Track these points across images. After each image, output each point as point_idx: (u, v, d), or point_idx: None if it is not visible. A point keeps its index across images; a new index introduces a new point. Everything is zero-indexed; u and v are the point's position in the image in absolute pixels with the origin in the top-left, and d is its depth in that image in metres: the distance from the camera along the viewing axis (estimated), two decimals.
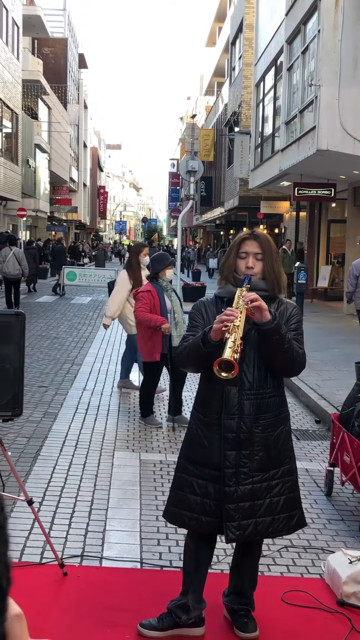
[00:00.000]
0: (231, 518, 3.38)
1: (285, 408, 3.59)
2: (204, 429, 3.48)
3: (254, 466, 3.41)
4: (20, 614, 0.83)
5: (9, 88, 31.36)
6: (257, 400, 3.42)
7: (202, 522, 3.47)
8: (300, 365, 3.50)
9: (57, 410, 8.21)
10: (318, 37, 15.31)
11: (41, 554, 4.44)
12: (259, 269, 3.49)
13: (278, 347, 3.33)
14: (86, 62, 69.12)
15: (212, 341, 3.28)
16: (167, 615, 3.62)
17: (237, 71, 32.84)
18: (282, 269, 3.60)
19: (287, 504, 3.49)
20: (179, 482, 3.57)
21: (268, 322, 3.30)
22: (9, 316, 3.94)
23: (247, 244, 3.51)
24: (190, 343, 3.44)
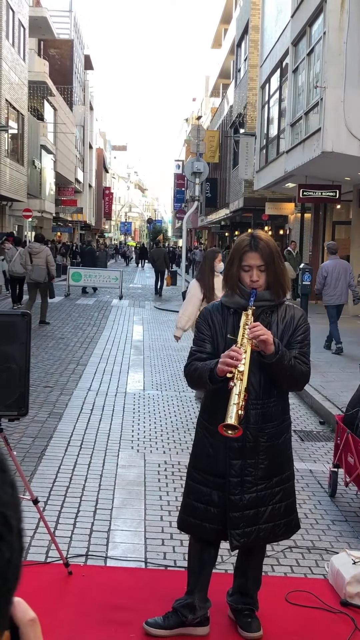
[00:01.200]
0: (236, 526, 3.42)
1: (288, 415, 3.62)
2: (210, 437, 3.51)
3: (259, 475, 3.44)
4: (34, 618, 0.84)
5: (15, 89, 31.42)
6: (263, 409, 3.45)
7: (205, 528, 3.51)
8: (304, 383, 3.54)
9: (62, 411, 8.24)
10: (323, 39, 15.31)
11: (46, 553, 4.46)
12: (263, 280, 3.49)
13: (281, 374, 3.39)
14: (92, 64, 69.16)
15: (218, 376, 3.30)
16: (172, 614, 3.64)
17: (242, 73, 32.84)
18: (285, 270, 3.58)
19: (287, 509, 3.54)
20: (187, 489, 3.64)
21: (271, 356, 3.31)
22: (15, 316, 3.97)
23: (249, 257, 3.48)
24: (198, 373, 3.44)
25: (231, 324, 3.52)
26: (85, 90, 66.62)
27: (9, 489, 0.71)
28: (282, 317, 3.53)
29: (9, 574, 0.69)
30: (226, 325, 3.54)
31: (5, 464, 0.73)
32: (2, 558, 0.68)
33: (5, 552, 0.68)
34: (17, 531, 0.71)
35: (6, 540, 0.69)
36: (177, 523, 3.74)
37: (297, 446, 7.23)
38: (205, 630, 3.66)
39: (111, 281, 24.25)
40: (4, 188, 29.19)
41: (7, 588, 0.69)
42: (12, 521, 0.70)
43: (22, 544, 0.72)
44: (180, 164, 71.91)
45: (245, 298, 3.49)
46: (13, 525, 0.70)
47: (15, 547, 0.70)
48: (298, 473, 6.34)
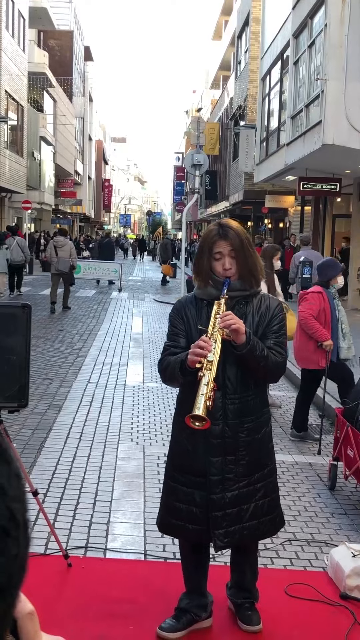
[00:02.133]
0: (218, 526, 3.33)
1: (267, 409, 3.54)
2: (188, 435, 3.39)
3: (240, 471, 3.36)
4: (32, 611, 0.83)
5: (15, 80, 31.32)
6: (241, 404, 3.36)
7: (188, 530, 3.42)
8: (278, 374, 3.47)
9: (61, 403, 8.24)
10: (325, 31, 15.26)
11: (46, 545, 4.46)
12: (235, 268, 3.41)
13: (254, 365, 3.31)
14: (92, 55, 68.98)
15: (189, 368, 3.23)
16: (182, 613, 3.59)
17: (243, 65, 32.75)
18: (257, 258, 3.49)
19: (271, 505, 3.47)
20: (167, 489, 3.54)
21: (242, 346, 3.24)
22: (15, 308, 3.95)
23: (219, 245, 3.41)
24: (170, 367, 3.37)
25: (205, 317, 3.43)
26: (85, 82, 66.43)
27: (15, 481, 0.70)
28: (258, 307, 3.46)
29: (16, 569, 0.68)
30: (200, 318, 3.45)
31: (10, 456, 0.72)
32: (9, 554, 0.67)
33: (12, 548, 0.67)
34: (24, 525, 0.70)
35: (13, 536, 0.67)
36: (157, 525, 3.63)
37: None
38: (209, 622, 3.66)
39: (110, 273, 24.22)
40: (3, 179, 29.14)
41: (14, 583, 0.68)
42: (19, 515, 0.69)
43: (28, 538, 0.71)
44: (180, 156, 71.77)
45: (218, 289, 3.41)
46: (19, 519, 0.69)
47: (22, 542, 0.69)
48: (297, 466, 6.35)
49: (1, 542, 0.66)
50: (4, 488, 0.68)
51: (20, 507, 0.70)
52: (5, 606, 0.68)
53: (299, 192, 20.28)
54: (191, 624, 3.58)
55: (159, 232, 41.28)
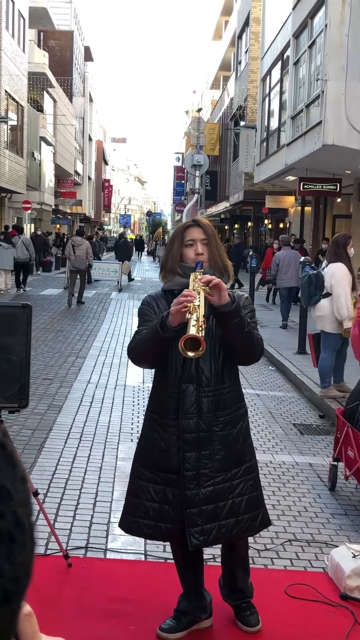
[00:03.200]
0: (193, 523, 3.24)
1: (243, 403, 3.47)
2: (161, 430, 3.34)
3: (215, 466, 3.28)
4: (30, 612, 0.83)
5: (15, 80, 31.32)
6: (216, 396, 3.29)
7: (160, 529, 3.33)
8: (260, 351, 3.36)
9: (61, 403, 8.24)
10: (325, 31, 15.26)
11: (46, 545, 4.46)
12: (207, 255, 3.37)
13: (239, 331, 3.18)
14: (92, 55, 68.97)
15: (171, 326, 3.11)
16: (182, 614, 3.57)
17: (243, 65, 32.76)
18: (226, 256, 3.50)
19: (250, 503, 3.37)
20: (134, 488, 3.43)
21: (228, 304, 3.15)
22: (15, 308, 3.95)
23: (192, 231, 3.39)
24: (146, 332, 3.25)
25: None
26: (85, 82, 66.43)
27: (21, 485, 0.70)
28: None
29: (22, 575, 0.68)
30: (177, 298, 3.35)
31: (15, 459, 0.71)
32: (15, 561, 0.66)
33: (17, 555, 0.66)
34: (30, 529, 0.70)
35: (19, 542, 0.67)
36: (121, 525, 3.49)
37: (296, 439, 7.24)
38: (209, 622, 3.65)
39: (110, 274, 24.22)
40: (3, 180, 29.14)
41: (19, 589, 0.68)
42: (24, 520, 0.68)
43: (33, 542, 0.71)
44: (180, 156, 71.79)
45: (188, 276, 3.33)
46: (25, 523, 0.68)
47: (28, 547, 0.69)
48: (298, 466, 6.35)
49: (7, 549, 0.66)
50: (10, 492, 0.68)
51: (25, 511, 0.69)
52: (11, 612, 0.68)
53: (299, 193, 20.28)
54: (191, 624, 3.58)
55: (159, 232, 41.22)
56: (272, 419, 8.01)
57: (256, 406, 8.50)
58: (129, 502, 3.44)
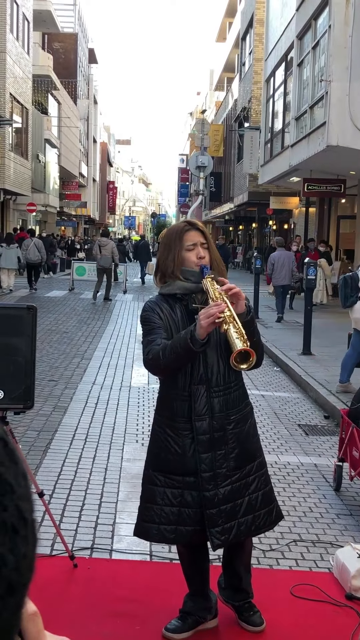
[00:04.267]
0: (214, 523, 3.26)
1: (248, 400, 3.50)
2: (173, 434, 3.34)
3: (231, 465, 3.31)
4: (35, 611, 0.84)
5: (20, 83, 31.39)
6: (225, 396, 3.32)
7: (182, 533, 3.33)
8: (262, 356, 3.38)
9: (66, 404, 8.25)
10: (329, 32, 15.27)
11: (52, 546, 4.48)
12: (208, 258, 3.38)
13: (250, 338, 3.13)
14: (96, 57, 69.03)
15: (200, 340, 3.08)
16: (187, 615, 3.58)
17: (247, 66, 32.79)
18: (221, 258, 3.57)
19: (265, 498, 3.42)
20: (150, 494, 3.41)
21: (244, 314, 3.18)
22: (21, 310, 3.97)
23: (191, 235, 3.39)
24: (171, 345, 3.17)
25: (179, 312, 3.36)
26: (90, 84, 66.51)
27: (22, 481, 0.71)
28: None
29: (25, 568, 0.69)
30: (174, 313, 3.36)
31: (17, 456, 0.73)
32: (18, 553, 0.67)
33: (21, 546, 0.68)
34: (31, 524, 0.71)
35: (21, 535, 0.68)
36: (138, 533, 3.48)
37: (301, 440, 7.24)
38: (214, 622, 3.66)
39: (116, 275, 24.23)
40: (8, 182, 29.19)
41: (23, 582, 0.69)
42: (27, 514, 0.70)
43: (35, 537, 0.72)
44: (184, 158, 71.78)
45: (190, 280, 3.34)
46: (27, 518, 0.70)
47: (30, 540, 0.70)
48: (303, 467, 6.35)
49: (11, 541, 0.67)
50: (12, 487, 0.69)
51: (28, 506, 0.71)
52: (16, 604, 0.69)
53: (303, 194, 20.30)
54: (197, 625, 3.58)
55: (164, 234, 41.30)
56: (277, 419, 8.02)
57: (261, 407, 8.51)
58: (146, 508, 3.41)
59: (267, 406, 8.62)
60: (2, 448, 0.71)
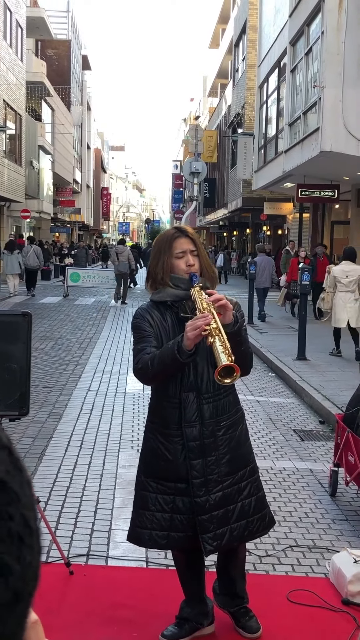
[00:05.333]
0: (206, 529, 3.25)
1: (240, 406, 3.48)
2: (164, 441, 3.34)
3: (222, 471, 3.30)
4: (36, 620, 0.84)
5: (13, 90, 31.41)
6: (215, 402, 3.31)
7: (174, 539, 3.34)
8: (251, 364, 3.43)
9: (61, 411, 8.24)
10: (322, 38, 15.32)
11: (47, 553, 4.46)
12: (198, 266, 3.36)
13: (237, 348, 3.15)
14: (89, 64, 69.15)
15: (187, 350, 3.08)
16: (184, 621, 3.57)
17: (240, 73, 32.88)
18: (212, 264, 3.55)
19: (258, 504, 3.41)
20: (142, 500, 3.41)
21: (230, 325, 3.16)
22: (16, 316, 3.97)
23: (181, 242, 3.37)
24: (159, 355, 3.18)
25: (170, 319, 3.36)
26: (83, 91, 66.62)
27: (27, 490, 0.71)
28: None
29: (30, 577, 0.69)
30: (165, 320, 3.36)
31: (22, 464, 0.72)
32: (24, 561, 0.67)
33: (26, 555, 0.68)
34: (36, 532, 0.71)
35: (27, 543, 0.68)
36: (131, 538, 3.49)
37: (297, 445, 7.24)
38: (211, 628, 3.65)
39: (109, 282, 24.22)
40: (2, 189, 29.20)
41: (28, 591, 0.69)
42: (32, 523, 0.70)
43: (40, 545, 0.72)
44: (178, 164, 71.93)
45: (180, 287, 3.33)
46: (32, 526, 0.70)
47: (35, 549, 0.70)
48: (298, 472, 6.35)
49: (17, 549, 0.67)
50: (18, 495, 0.69)
51: (32, 514, 0.70)
52: (21, 613, 0.68)
53: (297, 199, 20.33)
54: (194, 631, 3.57)
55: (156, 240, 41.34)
56: (272, 425, 8.02)
57: (256, 412, 8.51)
58: (139, 514, 3.42)
59: (262, 412, 8.62)
60: (7, 456, 0.70)
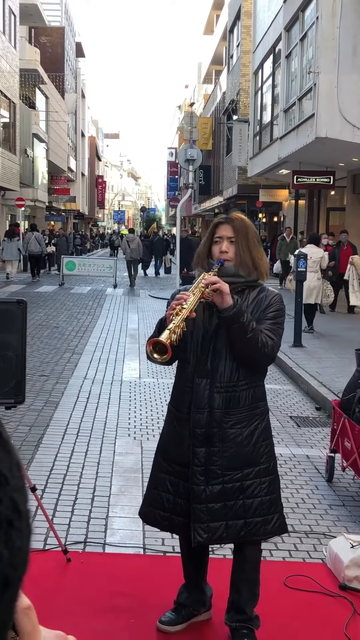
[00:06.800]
0: (199, 519, 3.22)
1: (263, 403, 3.37)
2: (176, 424, 3.36)
3: (224, 464, 3.24)
4: (29, 606, 0.83)
5: (7, 77, 31.24)
6: (228, 393, 3.25)
7: (173, 522, 3.35)
8: (265, 357, 3.26)
9: (58, 399, 8.23)
10: (316, 24, 15.24)
11: (44, 541, 4.47)
12: (232, 253, 3.34)
13: (239, 335, 3.16)
14: (83, 51, 68.78)
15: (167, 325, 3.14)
16: (181, 607, 3.57)
17: (235, 59, 32.70)
18: (260, 254, 3.43)
19: (263, 507, 3.28)
20: (153, 479, 3.46)
21: (228, 309, 3.14)
22: (11, 304, 3.95)
23: (221, 229, 3.38)
24: (154, 333, 3.33)
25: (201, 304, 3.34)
26: (77, 78, 66.28)
27: (17, 472, 0.70)
28: (255, 296, 3.34)
29: (19, 562, 0.68)
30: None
31: (11, 445, 0.71)
32: (13, 546, 0.66)
33: (16, 540, 0.67)
34: (26, 516, 0.69)
35: (16, 527, 0.67)
36: (141, 515, 3.54)
37: (293, 432, 7.25)
38: (208, 614, 3.66)
39: (105, 270, 24.19)
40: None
41: (18, 575, 0.68)
42: (21, 506, 0.68)
43: (30, 529, 0.71)
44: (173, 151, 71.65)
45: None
46: (22, 510, 0.68)
47: (25, 533, 0.69)
48: (295, 458, 6.36)
49: (6, 534, 0.66)
50: (6, 477, 0.67)
51: (22, 497, 0.69)
52: (10, 599, 0.68)
53: (292, 186, 20.30)
54: (190, 617, 3.58)
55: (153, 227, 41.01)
56: None
57: None
58: (150, 492, 3.47)
59: None
60: None
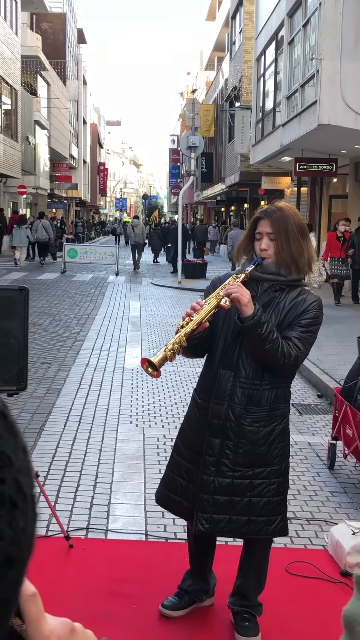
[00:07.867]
0: (203, 509, 3.25)
1: (285, 405, 3.33)
2: (197, 411, 3.39)
3: (237, 460, 3.24)
4: (35, 592, 0.82)
5: (8, 64, 31.10)
6: (250, 390, 3.23)
7: (183, 507, 3.38)
8: (284, 367, 3.19)
9: (60, 386, 8.25)
10: (319, 10, 15.15)
11: (47, 527, 4.48)
12: (273, 250, 3.25)
13: (257, 345, 3.13)
14: (85, 38, 68.42)
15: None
16: (184, 593, 3.59)
17: (237, 45, 32.53)
18: (307, 249, 3.30)
19: (269, 507, 3.26)
20: (171, 462, 3.50)
21: (247, 318, 3.09)
22: (12, 291, 3.95)
23: (261, 224, 3.29)
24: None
25: None
26: (79, 65, 65.96)
27: (22, 454, 0.69)
28: (294, 297, 3.26)
29: (24, 544, 0.67)
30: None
31: (17, 428, 0.71)
32: (17, 527, 0.66)
33: (20, 520, 0.66)
34: (31, 498, 0.69)
35: (21, 509, 0.67)
36: (156, 496, 3.58)
37: (295, 419, 7.26)
38: (211, 601, 3.68)
39: (107, 257, 24.17)
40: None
41: (22, 558, 0.67)
42: (26, 489, 0.68)
43: (35, 512, 0.70)
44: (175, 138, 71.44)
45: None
46: (27, 492, 0.68)
47: (30, 515, 0.68)
48: (297, 445, 6.37)
49: (9, 514, 0.65)
50: (10, 459, 0.67)
51: (27, 480, 0.69)
52: (14, 579, 0.67)
53: (295, 173, 20.21)
54: (193, 603, 3.60)
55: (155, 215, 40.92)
56: None
57: None
58: (167, 475, 3.51)
59: None
60: (1, 420, 0.69)
